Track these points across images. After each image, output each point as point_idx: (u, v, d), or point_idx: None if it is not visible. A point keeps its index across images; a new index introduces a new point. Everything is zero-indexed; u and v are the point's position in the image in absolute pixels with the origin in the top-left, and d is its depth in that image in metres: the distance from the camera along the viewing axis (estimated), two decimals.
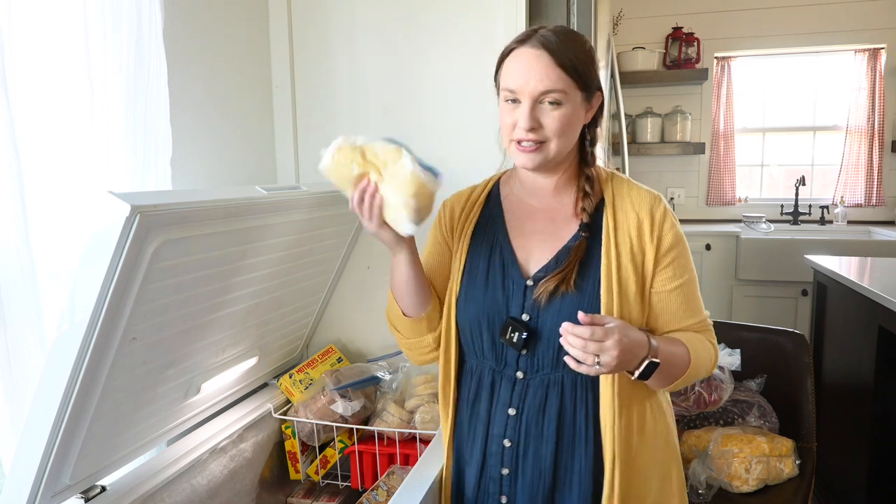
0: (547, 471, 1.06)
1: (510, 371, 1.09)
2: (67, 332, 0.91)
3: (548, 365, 1.06)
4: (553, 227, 1.10)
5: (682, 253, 1.07)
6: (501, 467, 1.09)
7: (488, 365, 1.12)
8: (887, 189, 3.75)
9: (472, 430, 1.14)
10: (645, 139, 3.84)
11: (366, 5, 1.71)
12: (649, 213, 1.06)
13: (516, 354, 1.08)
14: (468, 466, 1.15)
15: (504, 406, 1.09)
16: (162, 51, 1.27)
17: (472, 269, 1.14)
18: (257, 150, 1.74)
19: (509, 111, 1.02)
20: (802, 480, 1.67)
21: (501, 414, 1.09)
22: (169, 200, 0.96)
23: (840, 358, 2.31)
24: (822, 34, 3.68)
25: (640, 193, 1.09)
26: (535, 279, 1.07)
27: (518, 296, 1.08)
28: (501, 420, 1.09)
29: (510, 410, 1.08)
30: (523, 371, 1.08)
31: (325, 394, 1.60)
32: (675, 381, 1.05)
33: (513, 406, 1.08)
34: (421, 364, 1.24)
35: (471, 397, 1.14)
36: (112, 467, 1.17)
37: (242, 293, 1.33)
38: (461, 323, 1.14)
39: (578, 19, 1.67)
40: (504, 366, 1.10)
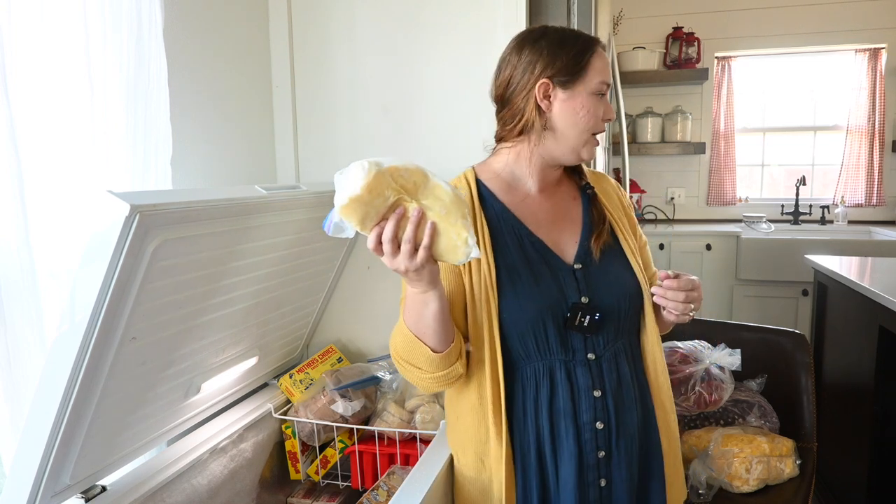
0: (634, 439, 1.12)
1: (581, 356, 1.10)
2: (67, 332, 0.91)
3: (611, 339, 1.12)
4: (562, 212, 1.18)
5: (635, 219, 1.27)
6: (598, 451, 1.10)
7: (558, 359, 1.09)
8: (888, 189, 3.75)
9: (554, 430, 1.09)
10: (645, 139, 3.84)
11: (366, 5, 1.71)
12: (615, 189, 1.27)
13: (581, 339, 1.09)
14: (552, 470, 1.10)
15: (587, 391, 1.09)
16: (162, 51, 1.27)
17: (511, 273, 1.09)
18: (257, 150, 1.74)
19: (599, 103, 1.10)
20: (803, 480, 1.67)
21: (587, 399, 1.09)
22: (168, 200, 0.96)
23: (840, 358, 2.31)
24: (822, 34, 3.68)
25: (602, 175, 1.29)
26: (578, 261, 1.13)
27: (571, 281, 1.11)
28: (589, 405, 1.09)
29: (595, 393, 1.10)
30: (593, 352, 1.10)
31: (325, 394, 1.60)
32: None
33: (596, 388, 1.10)
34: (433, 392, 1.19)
35: (539, 400, 1.09)
36: (112, 467, 1.17)
37: (242, 293, 1.33)
38: (516, 325, 1.07)
39: (578, 19, 1.67)
40: (573, 353, 1.10)
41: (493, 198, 1.15)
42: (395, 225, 0.88)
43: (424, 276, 0.92)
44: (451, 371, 1.05)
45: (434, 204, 0.88)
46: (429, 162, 1.73)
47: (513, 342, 1.09)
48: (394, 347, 1.08)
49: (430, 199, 0.88)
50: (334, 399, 1.58)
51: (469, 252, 0.89)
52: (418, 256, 0.89)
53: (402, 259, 0.89)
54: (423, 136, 1.72)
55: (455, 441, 1.20)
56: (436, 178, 0.90)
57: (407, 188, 0.88)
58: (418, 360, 1.04)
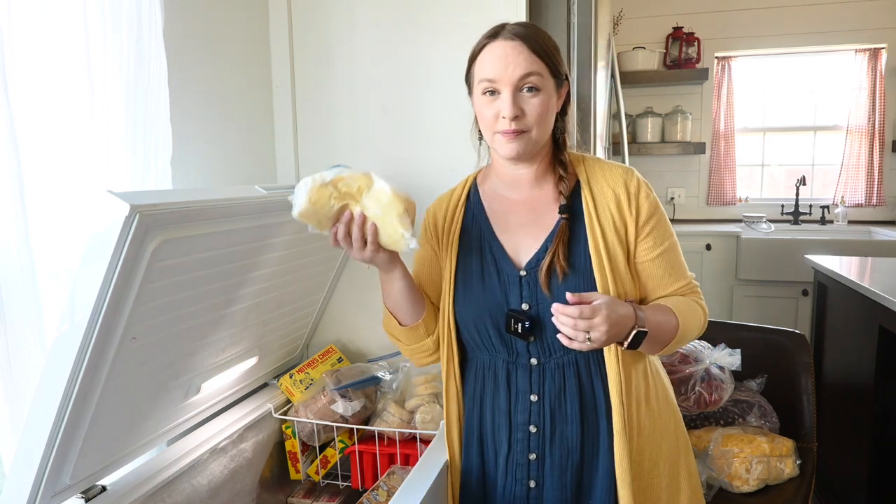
0: (574, 450, 1.10)
1: (524, 359, 1.12)
2: (67, 332, 0.91)
3: (559, 348, 1.09)
4: (535, 217, 1.13)
5: (660, 220, 1.11)
6: (528, 453, 1.12)
7: (501, 357, 1.14)
8: (888, 189, 3.75)
9: (494, 422, 1.16)
10: (645, 139, 3.84)
11: (366, 5, 1.71)
12: (624, 186, 1.10)
13: (525, 343, 1.10)
14: (491, 458, 1.17)
15: (525, 394, 1.12)
16: (162, 51, 1.27)
17: (465, 270, 1.16)
18: (257, 150, 1.74)
19: (489, 103, 1.05)
20: (803, 480, 1.67)
21: (524, 401, 1.12)
22: (168, 200, 0.96)
23: (840, 358, 2.31)
24: (822, 34, 3.68)
25: (612, 169, 1.13)
26: (527, 269, 1.11)
27: (515, 287, 1.11)
28: (524, 407, 1.12)
29: (532, 397, 1.11)
30: (536, 358, 1.11)
31: (325, 394, 1.60)
32: (667, 346, 1.09)
33: (534, 392, 1.11)
34: (424, 366, 1.28)
35: (485, 391, 1.17)
36: (112, 467, 1.17)
37: (242, 293, 1.33)
38: (464, 322, 1.16)
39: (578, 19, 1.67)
40: (517, 355, 1.12)
41: (478, 200, 1.20)
42: (344, 227, 1.05)
43: (379, 262, 1.10)
44: (421, 345, 1.22)
45: (372, 205, 1.04)
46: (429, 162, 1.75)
47: (463, 334, 1.19)
48: (383, 325, 1.26)
49: (371, 201, 1.04)
50: (334, 399, 1.58)
51: (409, 244, 1.04)
52: (367, 249, 1.05)
53: (356, 252, 1.06)
54: (423, 136, 1.72)
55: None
56: (380, 181, 1.04)
57: (351, 194, 1.04)
58: (393, 330, 1.23)
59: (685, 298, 1.13)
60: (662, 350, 1.10)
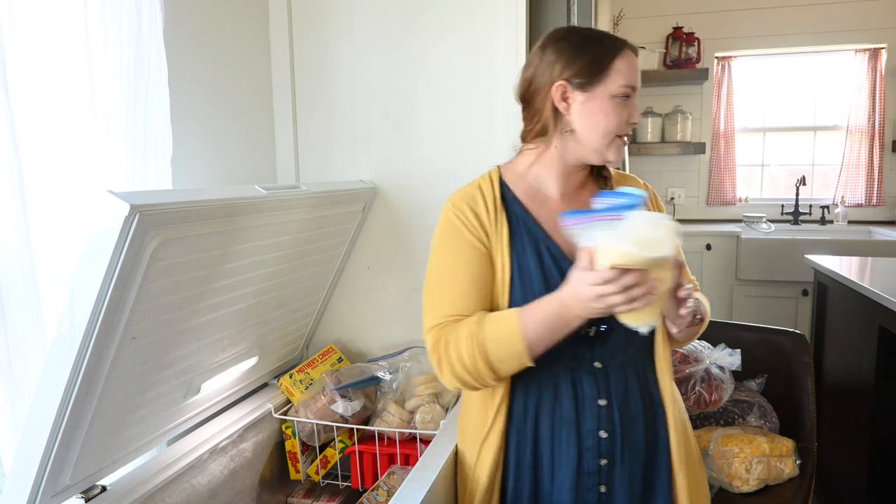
0: (642, 451, 1.11)
1: (587, 364, 1.10)
2: (67, 332, 0.91)
3: (621, 349, 1.09)
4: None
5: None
6: (599, 459, 1.09)
7: (565, 364, 1.09)
8: (888, 189, 3.75)
9: (554, 434, 1.10)
10: (645, 139, 3.84)
11: (366, 5, 1.71)
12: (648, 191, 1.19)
13: (589, 348, 1.09)
14: (547, 473, 1.11)
15: (592, 399, 1.09)
16: (162, 51, 1.28)
17: (523, 274, 1.10)
18: (257, 150, 1.74)
19: (621, 107, 1.08)
20: (803, 480, 1.67)
21: (591, 408, 1.09)
22: (168, 200, 0.96)
23: (840, 358, 2.31)
24: (822, 34, 3.68)
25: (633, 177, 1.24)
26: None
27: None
28: (592, 414, 1.09)
29: (600, 402, 1.09)
30: (600, 361, 1.09)
31: (325, 394, 1.60)
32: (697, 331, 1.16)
33: (602, 397, 1.09)
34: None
35: (542, 403, 1.10)
36: (112, 467, 1.17)
37: (242, 293, 1.33)
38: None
39: (578, 19, 1.67)
40: (580, 361, 1.09)
41: (515, 200, 1.15)
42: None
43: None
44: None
45: (666, 276, 0.93)
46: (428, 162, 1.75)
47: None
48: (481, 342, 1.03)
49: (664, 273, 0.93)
50: (334, 399, 1.58)
51: (652, 325, 0.94)
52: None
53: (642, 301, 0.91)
54: (423, 136, 1.72)
55: (461, 426, 1.23)
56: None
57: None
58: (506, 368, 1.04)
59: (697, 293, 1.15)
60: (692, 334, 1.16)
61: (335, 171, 1.79)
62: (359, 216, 1.74)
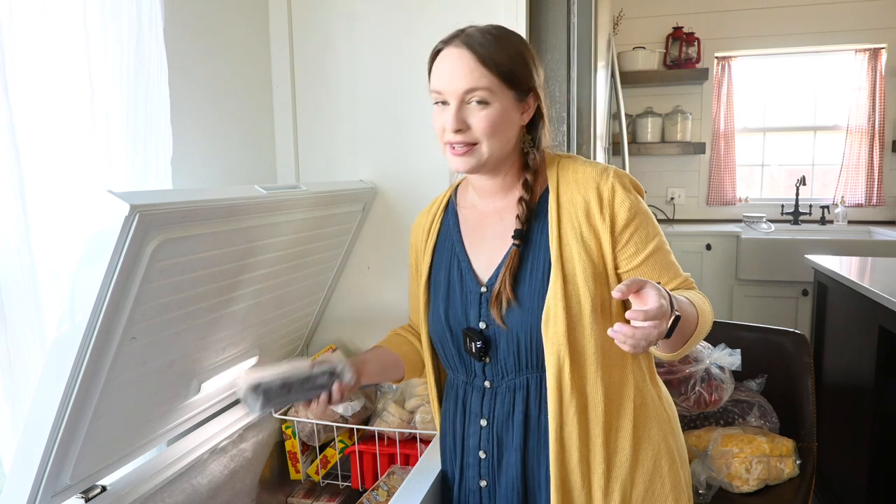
0: (517, 478, 1.04)
1: (478, 381, 1.08)
2: (67, 332, 0.91)
3: (511, 371, 1.04)
4: (502, 230, 1.07)
5: (641, 223, 1.00)
6: (479, 479, 1.08)
7: (461, 378, 1.12)
8: (888, 189, 3.75)
9: (453, 445, 1.14)
10: (645, 139, 3.84)
11: (366, 5, 1.71)
12: (596, 191, 1.00)
13: (481, 364, 1.07)
14: (452, 481, 1.16)
15: (476, 417, 1.08)
16: (162, 51, 1.27)
17: (434, 285, 1.14)
18: (257, 150, 1.74)
19: (439, 114, 1.01)
20: (803, 480, 1.67)
21: (475, 425, 1.09)
22: (168, 200, 0.96)
23: (840, 358, 2.31)
24: (822, 34, 3.68)
25: (586, 172, 1.03)
26: (488, 286, 1.06)
27: (475, 305, 1.07)
28: (475, 432, 1.08)
29: (482, 421, 1.07)
30: (489, 380, 1.07)
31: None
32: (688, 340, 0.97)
33: (483, 416, 1.07)
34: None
35: (450, 412, 1.15)
36: (112, 467, 1.17)
37: (242, 293, 1.33)
38: (433, 340, 1.15)
39: (578, 19, 1.67)
40: (473, 377, 1.09)
41: (453, 211, 1.16)
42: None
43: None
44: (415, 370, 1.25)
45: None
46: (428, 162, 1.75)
47: (437, 351, 1.17)
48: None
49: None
50: None
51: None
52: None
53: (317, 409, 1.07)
54: (423, 136, 1.72)
55: None
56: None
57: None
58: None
59: (692, 291, 1.04)
60: (684, 345, 0.98)
61: (335, 171, 1.79)
62: (359, 216, 1.74)
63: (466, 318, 1.07)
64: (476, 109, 0.97)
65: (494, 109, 0.97)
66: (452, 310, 1.09)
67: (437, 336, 1.12)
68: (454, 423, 1.13)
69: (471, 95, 0.97)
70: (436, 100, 1.00)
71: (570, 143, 1.71)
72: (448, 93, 0.98)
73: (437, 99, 1.00)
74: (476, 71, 0.96)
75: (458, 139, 0.98)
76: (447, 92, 0.98)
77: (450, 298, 1.10)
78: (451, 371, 1.15)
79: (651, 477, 1.04)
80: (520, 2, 1.58)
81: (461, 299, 1.08)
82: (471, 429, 1.09)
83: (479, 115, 0.97)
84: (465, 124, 0.97)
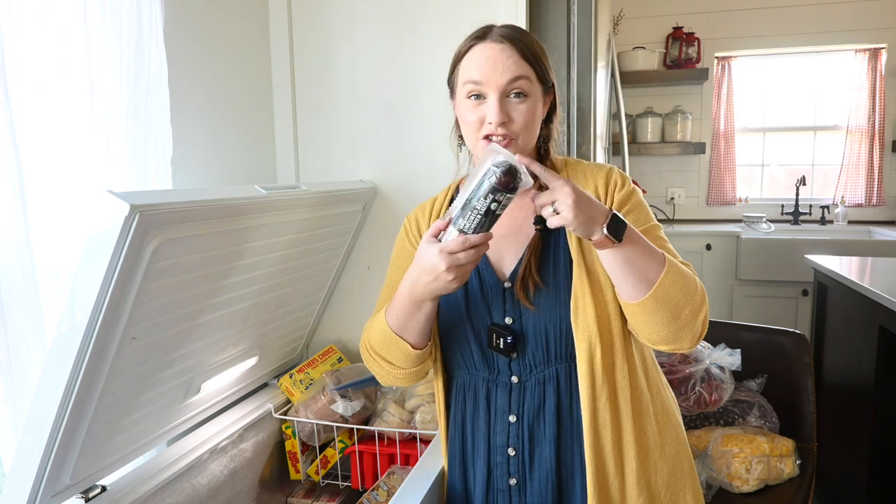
0: (551, 473, 1.03)
1: (504, 377, 1.06)
2: (67, 332, 0.91)
3: (539, 363, 1.04)
4: (517, 225, 1.08)
5: (636, 206, 1.05)
6: (509, 478, 1.06)
7: (482, 376, 1.09)
8: (888, 189, 3.75)
9: (474, 445, 1.11)
10: (645, 139, 3.84)
11: (366, 6, 1.71)
12: (604, 183, 1.06)
13: (507, 360, 1.05)
14: (473, 483, 1.11)
15: (503, 414, 1.06)
16: (162, 51, 1.28)
17: None
18: (257, 150, 1.74)
19: (473, 108, 1.00)
20: (803, 480, 1.67)
21: (502, 422, 1.06)
22: (168, 200, 0.96)
23: (840, 358, 2.31)
24: (822, 34, 3.68)
25: (594, 171, 1.09)
26: (511, 279, 1.05)
27: (498, 300, 1.05)
28: (503, 429, 1.06)
29: (510, 417, 1.06)
30: (517, 375, 1.06)
31: (325, 394, 1.60)
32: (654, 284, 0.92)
33: (512, 412, 1.06)
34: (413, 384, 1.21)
35: (466, 412, 1.11)
36: (112, 467, 1.17)
37: (242, 293, 1.33)
38: (447, 340, 1.11)
39: (578, 19, 1.67)
40: (497, 373, 1.07)
41: None
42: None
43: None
44: (423, 367, 1.11)
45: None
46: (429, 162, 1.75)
47: (446, 353, 1.12)
48: (367, 339, 1.12)
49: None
50: (334, 399, 1.58)
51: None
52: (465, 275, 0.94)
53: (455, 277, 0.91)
54: (423, 136, 1.72)
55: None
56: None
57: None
58: (395, 357, 1.07)
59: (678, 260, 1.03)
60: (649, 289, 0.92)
61: (335, 171, 1.79)
62: (359, 216, 1.74)
63: (490, 315, 1.06)
64: (516, 103, 0.98)
65: (532, 102, 1.00)
66: (474, 307, 1.07)
67: (457, 335, 1.09)
68: (474, 423, 1.10)
69: (513, 86, 0.98)
70: (471, 92, 1.00)
71: (570, 143, 1.71)
72: (488, 84, 0.98)
73: (474, 91, 0.99)
74: (518, 62, 0.98)
75: (501, 132, 0.98)
76: (488, 83, 0.98)
77: (469, 296, 1.07)
78: (465, 371, 1.11)
79: (673, 460, 1.07)
80: (520, 2, 1.58)
81: (482, 296, 1.06)
82: (497, 426, 1.07)
83: (520, 108, 0.98)
84: (508, 117, 0.98)
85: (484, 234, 0.89)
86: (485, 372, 1.08)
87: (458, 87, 1.03)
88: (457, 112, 1.07)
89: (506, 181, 0.86)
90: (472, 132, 1.01)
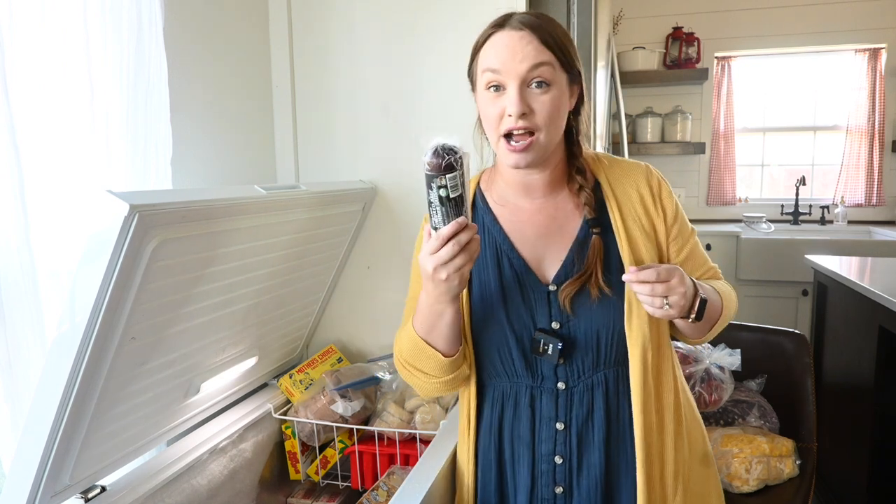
0: (600, 479, 1.01)
1: (549, 384, 1.02)
2: (67, 332, 0.91)
3: (588, 369, 1.01)
4: (556, 225, 1.03)
5: (682, 217, 1.07)
6: (555, 486, 1.03)
7: (524, 383, 1.04)
8: (887, 189, 3.75)
9: (514, 454, 1.06)
10: (645, 139, 3.84)
11: (366, 6, 1.71)
12: (647, 184, 1.04)
13: (552, 366, 1.01)
14: (514, 492, 1.07)
15: (550, 421, 1.02)
16: (162, 51, 1.27)
17: (481, 288, 1.05)
18: (257, 150, 1.74)
19: (493, 100, 0.94)
20: (803, 480, 1.67)
21: (548, 430, 1.02)
22: (168, 199, 0.96)
23: (840, 358, 2.31)
24: (822, 34, 3.68)
25: (632, 168, 1.06)
26: (556, 282, 1.01)
27: (543, 304, 1.01)
28: (549, 436, 1.02)
29: (558, 425, 1.02)
30: (564, 381, 1.02)
31: (325, 394, 1.60)
32: (714, 325, 1.04)
33: (559, 420, 1.02)
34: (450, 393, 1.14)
35: (504, 420, 1.07)
36: (112, 467, 1.17)
37: (242, 293, 1.33)
38: (485, 346, 1.05)
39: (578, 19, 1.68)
40: (542, 380, 1.03)
41: (486, 208, 1.08)
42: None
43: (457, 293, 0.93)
44: (458, 374, 1.04)
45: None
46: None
47: (481, 359, 1.07)
48: (399, 352, 1.07)
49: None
50: (334, 399, 1.58)
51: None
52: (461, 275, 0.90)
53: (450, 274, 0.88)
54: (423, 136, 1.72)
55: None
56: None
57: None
58: (427, 366, 1.02)
59: (719, 281, 1.09)
60: (710, 330, 1.04)
61: (335, 171, 1.79)
62: (359, 216, 1.74)
63: (534, 320, 1.01)
64: (537, 93, 0.92)
65: (555, 92, 0.93)
66: (515, 312, 1.02)
67: (497, 341, 1.03)
68: (514, 431, 1.05)
69: (534, 74, 0.92)
70: (490, 82, 0.94)
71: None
72: (508, 72, 0.92)
73: (493, 81, 0.93)
74: (538, 48, 0.92)
75: (521, 124, 0.92)
76: (507, 71, 0.92)
77: (508, 300, 1.02)
78: (504, 378, 1.06)
79: (701, 460, 1.09)
80: (520, 2, 1.58)
81: (523, 300, 1.02)
82: (543, 434, 1.03)
83: (542, 98, 0.92)
84: (529, 108, 0.92)
85: (455, 222, 0.85)
86: (528, 379, 1.03)
87: (478, 78, 0.97)
88: (478, 106, 1.00)
89: (436, 163, 0.83)
90: (493, 128, 0.95)
